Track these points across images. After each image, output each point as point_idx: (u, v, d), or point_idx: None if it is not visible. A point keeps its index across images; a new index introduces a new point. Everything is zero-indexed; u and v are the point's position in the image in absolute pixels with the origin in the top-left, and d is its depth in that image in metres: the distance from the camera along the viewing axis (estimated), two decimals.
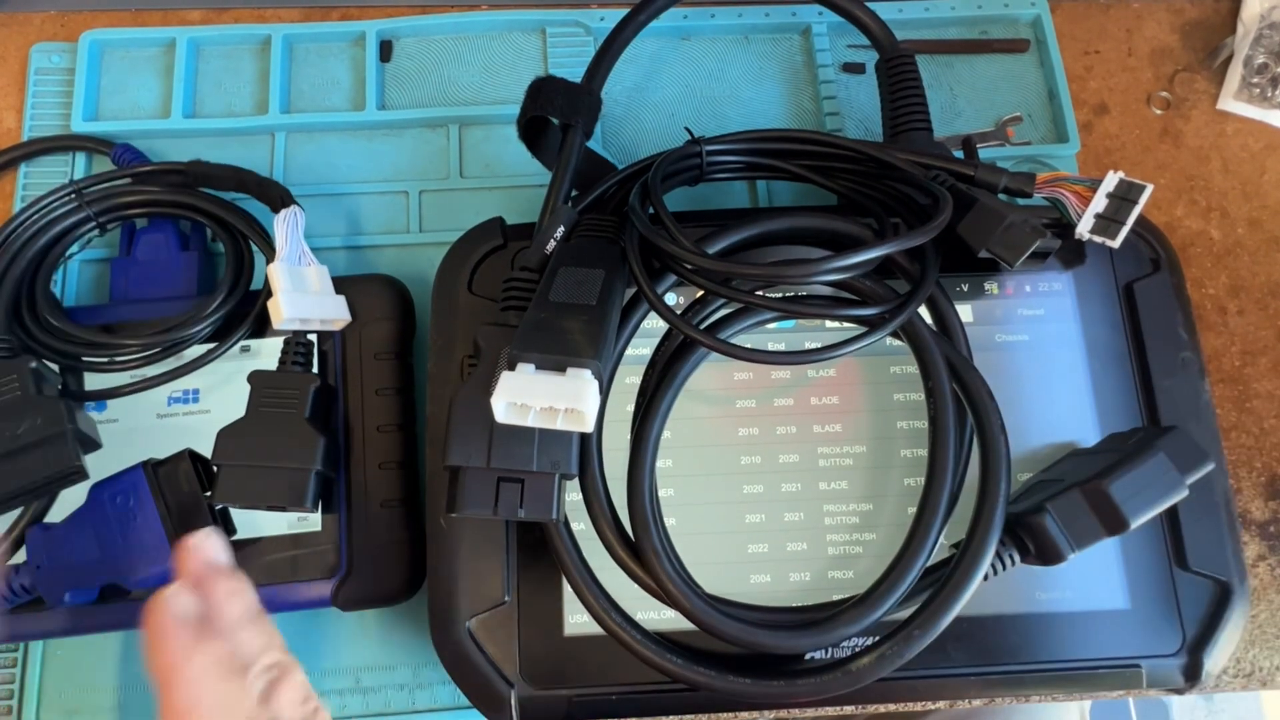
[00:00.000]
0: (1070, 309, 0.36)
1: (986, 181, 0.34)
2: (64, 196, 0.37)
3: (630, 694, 0.31)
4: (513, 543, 0.32)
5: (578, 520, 0.32)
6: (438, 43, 0.44)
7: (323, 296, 0.35)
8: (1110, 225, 0.33)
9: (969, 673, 0.32)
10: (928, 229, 0.30)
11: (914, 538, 0.29)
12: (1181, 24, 0.47)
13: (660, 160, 0.33)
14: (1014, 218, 0.32)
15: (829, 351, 0.30)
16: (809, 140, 0.35)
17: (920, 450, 0.34)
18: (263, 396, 0.33)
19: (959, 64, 0.45)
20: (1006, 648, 0.32)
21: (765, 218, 0.33)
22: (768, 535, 0.33)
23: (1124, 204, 0.33)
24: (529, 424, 0.27)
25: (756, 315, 0.33)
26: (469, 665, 0.31)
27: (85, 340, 0.35)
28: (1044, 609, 0.33)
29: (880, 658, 0.29)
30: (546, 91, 0.35)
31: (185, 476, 0.32)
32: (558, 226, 0.32)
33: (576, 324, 0.28)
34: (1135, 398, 0.35)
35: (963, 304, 0.36)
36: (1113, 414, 0.35)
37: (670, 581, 0.29)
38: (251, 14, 0.45)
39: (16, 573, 0.32)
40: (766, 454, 0.34)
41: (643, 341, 0.34)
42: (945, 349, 0.32)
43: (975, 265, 0.35)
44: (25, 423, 0.31)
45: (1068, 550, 0.30)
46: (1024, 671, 0.32)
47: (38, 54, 0.43)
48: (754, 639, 0.29)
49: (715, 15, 0.45)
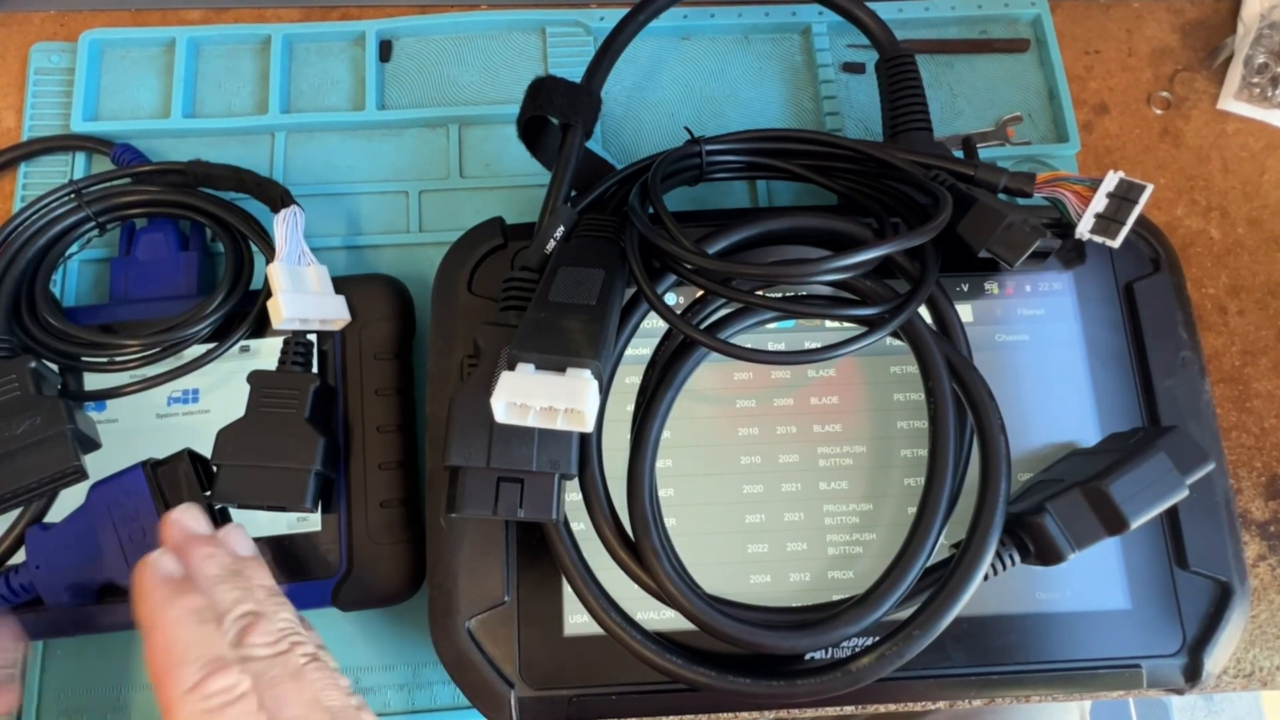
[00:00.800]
0: (1070, 309, 0.36)
1: (986, 181, 0.34)
2: (63, 196, 0.37)
3: (630, 694, 0.31)
4: (512, 543, 0.32)
5: (577, 520, 0.32)
6: (437, 42, 0.44)
7: (322, 296, 0.35)
8: (1110, 225, 0.33)
9: (969, 673, 0.32)
10: (927, 229, 0.30)
11: (914, 538, 0.29)
12: (1182, 24, 0.47)
13: (660, 160, 0.33)
14: (1014, 217, 0.32)
15: (829, 351, 0.30)
16: (809, 140, 0.35)
17: (920, 450, 0.34)
18: (262, 396, 0.33)
19: (959, 64, 0.45)
20: (1006, 648, 0.32)
21: (765, 217, 0.33)
22: (767, 535, 0.33)
23: (1124, 204, 0.33)
24: (529, 424, 0.27)
25: (757, 315, 0.33)
26: (469, 665, 0.31)
27: (85, 340, 0.35)
28: (1044, 609, 0.33)
29: (880, 658, 0.29)
30: (546, 91, 0.35)
31: (185, 476, 0.32)
32: (557, 226, 0.32)
33: (576, 324, 0.28)
34: (1135, 397, 0.35)
35: (962, 304, 0.36)
36: (1113, 414, 0.35)
37: (670, 582, 0.29)
38: (251, 14, 0.45)
39: (16, 573, 0.32)
40: (766, 454, 0.34)
41: (642, 341, 0.34)
42: (945, 349, 0.32)
43: (975, 265, 0.35)
44: (25, 423, 0.31)
45: (1068, 550, 0.30)
46: (1024, 672, 0.32)
47: (37, 54, 0.43)
48: (754, 639, 0.29)
49: (715, 15, 0.45)
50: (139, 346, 0.35)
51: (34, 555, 0.32)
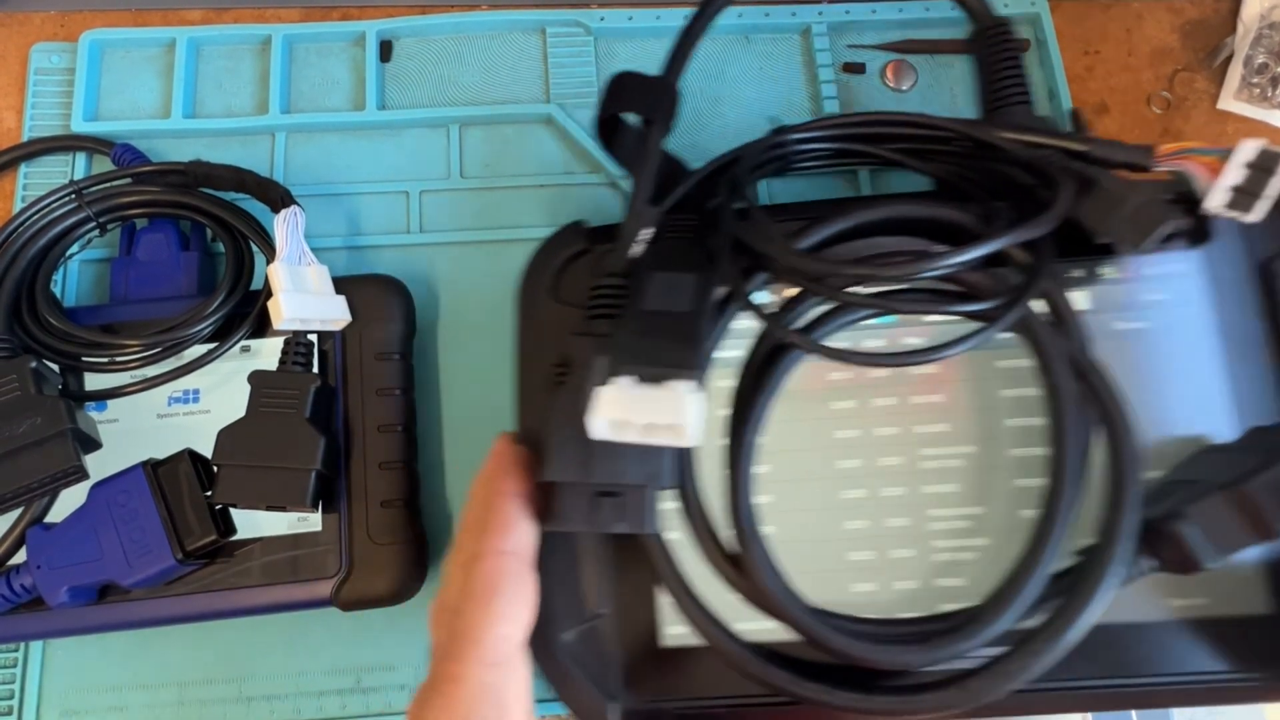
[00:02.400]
0: (1197, 291, 0.33)
1: (1101, 157, 0.31)
2: (64, 197, 0.37)
3: (731, 706, 0.30)
4: (606, 554, 0.31)
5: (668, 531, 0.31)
6: (438, 43, 0.44)
7: (323, 296, 0.35)
8: (1246, 198, 0.30)
9: (1097, 686, 0.30)
10: (1048, 217, 0.28)
11: (1037, 545, 0.27)
12: (1181, 24, 0.47)
13: (746, 153, 0.31)
14: (1138, 198, 0.29)
15: (938, 351, 0.28)
16: (901, 122, 0.33)
17: (1030, 449, 0.32)
18: (263, 396, 0.33)
19: (960, 64, 0.45)
20: (1137, 659, 0.30)
21: (859, 208, 0.31)
22: (870, 542, 0.31)
23: (1261, 175, 0.29)
24: (628, 440, 0.26)
25: (856, 313, 0.31)
26: (570, 678, 0.30)
27: (86, 340, 0.35)
28: (1178, 616, 0.30)
29: (1003, 673, 0.27)
30: (627, 87, 0.33)
31: (185, 476, 0.32)
32: (645, 228, 0.31)
33: (673, 333, 0.27)
34: (1277, 387, 0.32)
35: (1074, 291, 0.33)
36: (1252, 406, 0.31)
37: (776, 597, 0.28)
38: (251, 14, 0.45)
39: (17, 573, 0.32)
40: (867, 457, 0.32)
41: (731, 341, 0.32)
42: (1064, 341, 0.29)
43: (1086, 248, 0.32)
44: (25, 423, 0.31)
45: (1209, 560, 0.27)
46: (1156, 684, 0.29)
47: (38, 54, 0.43)
48: (867, 655, 0.27)
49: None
50: (140, 347, 0.35)
51: (35, 555, 0.32)
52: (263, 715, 0.35)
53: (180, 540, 0.32)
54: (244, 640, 0.36)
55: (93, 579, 0.32)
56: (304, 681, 0.36)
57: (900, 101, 0.44)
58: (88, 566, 0.31)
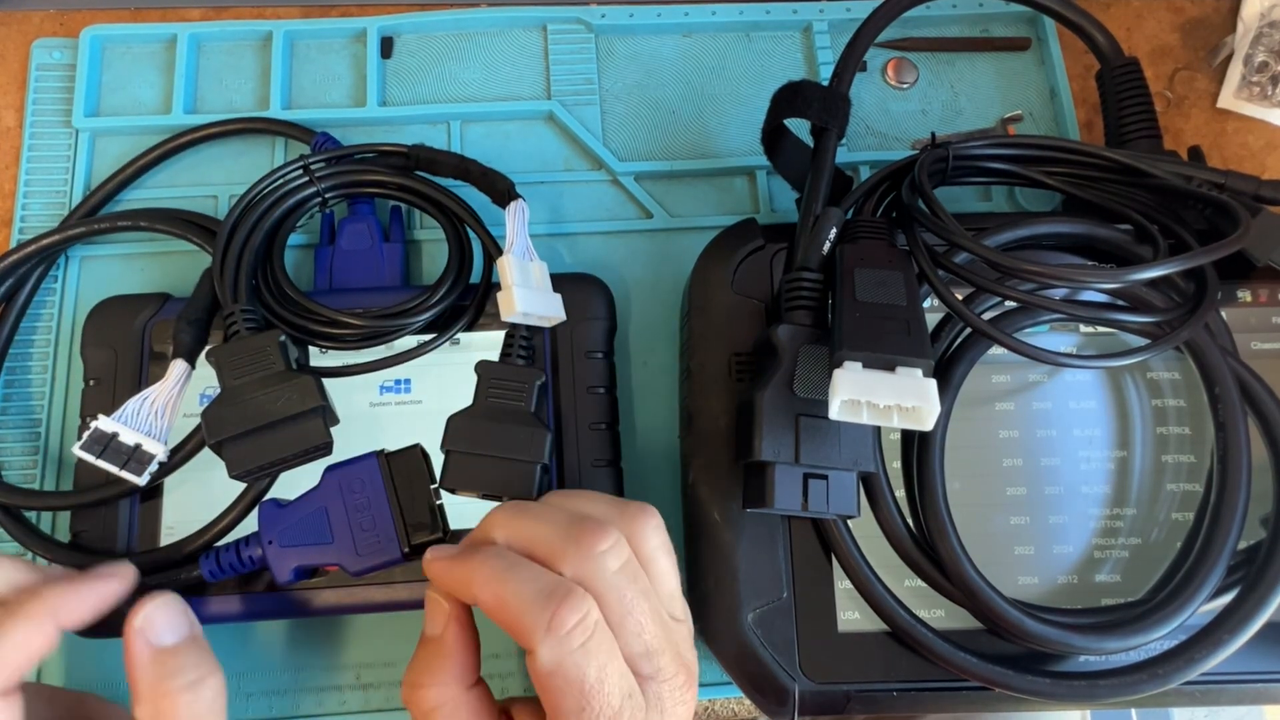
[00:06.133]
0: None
1: (1238, 188, 0.34)
2: (295, 169, 0.36)
3: (909, 690, 0.32)
4: (786, 539, 0.32)
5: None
6: (439, 39, 0.44)
7: (545, 293, 0.35)
8: None
9: (1269, 677, 0.32)
10: (1228, 243, 0.30)
11: (1212, 535, 0.30)
12: (1181, 23, 0.47)
13: (921, 162, 0.33)
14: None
15: (1122, 356, 0.30)
16: (1060, 149, 0.35)
17: (1183, 456, 0.34)
18: (491, 387, 0.33)
19: (960, 62, 0.45)
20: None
21: (1032, 221, 0.33)
22: (1033, 537, 0.33)
23: None
24: (863, 421, 0.27)
25: (1032, 316, 0.33)
26: (752, 658, 0.31)
27: (326, 318, 0.34)
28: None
29: (1188, 660, 0.29)
30: (803, 95, 0.35)
31: (417, 471, 0.32)
32: (831, 228, 0.32)
33: (896, 323, 0.28)
34: None
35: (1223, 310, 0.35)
36: None
37: (975, 584, 0.30)
38: (252, 11, 0.45)
39: (246, 544, 0.31)
40: (1027, 456, 0.34)
41: None
42: (1228, 356, 0.32)
43: (1226, 272, 0.34)
44: (281, 397, 0.31)
45: None
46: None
47: (39, 49, 0.43)
48: (1065, 641, 0.29)
49: (716, 12, 0.45)
50: (369, 329, 0.34)
51: (268, 530, 0.31)
52: (261, 710, 0.35)
53: (409, 535, 0.31)
54: (243, 637, 0.36)
55: (320, 561, 0.31)
56: (303, 677, 0.36)
57: (900, 99, 0.44)
58: (319, 550, 0.31)
